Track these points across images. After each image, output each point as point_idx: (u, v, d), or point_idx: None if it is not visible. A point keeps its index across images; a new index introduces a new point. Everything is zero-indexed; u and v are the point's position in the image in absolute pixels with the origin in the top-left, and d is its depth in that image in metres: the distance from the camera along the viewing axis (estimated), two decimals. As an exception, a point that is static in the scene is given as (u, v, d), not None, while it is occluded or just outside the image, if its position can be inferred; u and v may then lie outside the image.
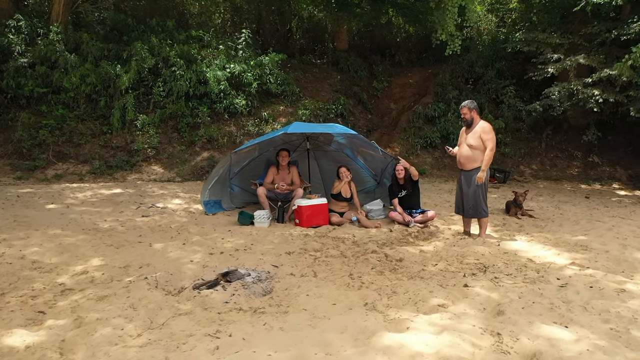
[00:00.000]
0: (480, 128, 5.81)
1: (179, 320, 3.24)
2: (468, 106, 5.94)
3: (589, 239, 5.95)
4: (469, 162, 5.87)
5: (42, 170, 10.83)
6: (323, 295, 3.77)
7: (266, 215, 6.29)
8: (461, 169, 6.03)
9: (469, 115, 5.91)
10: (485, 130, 5.78)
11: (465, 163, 5.92)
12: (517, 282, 4.18)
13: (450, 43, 10.42)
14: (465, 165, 5.92)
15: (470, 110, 5.93)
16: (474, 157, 5.82)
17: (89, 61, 11.97)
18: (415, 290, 3.88)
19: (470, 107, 5.94)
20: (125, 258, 4.70)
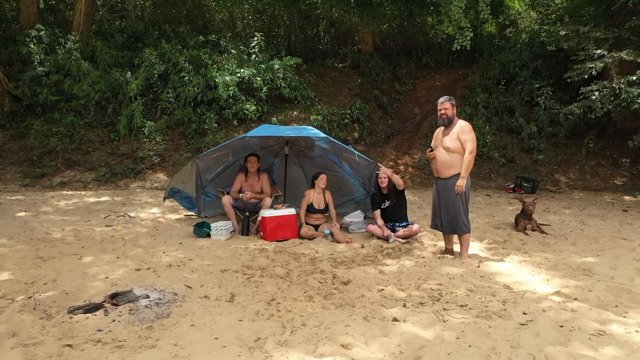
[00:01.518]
0: (459, 128, 4.99)
1: (13, 353, 2.72)
2: (450, 101, 5.11)
3: (598, 261, 4.95)
4: (447, 169, 5.04)
5: (49, 177, 10.85)
6: (215, 325, 3.14)
7: (224, 228, 5.71)
8: (437, 176, 5.19)
9: (451, 111, 5.08)
10: (464, 130, 4.95)
11: (442, 170, 5.08)
12: (468, 316, 3.36)
13: (459, 37, 9.48)
14: (442, 173, 5.09)
15: (452, 106, 5.10)
16: (452, 163, 4.98)
17: (100, 68, 11.98)
18: (330, 323, 3.17)
19: (453, 104, 5.12)
20: (39, 272, 4.28)
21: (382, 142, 12.24)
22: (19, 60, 12.63)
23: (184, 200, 6.88)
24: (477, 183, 10.81)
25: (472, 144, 4.90)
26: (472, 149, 4.89)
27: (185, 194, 6.78)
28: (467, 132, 4.93)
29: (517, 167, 11.12)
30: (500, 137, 11.70)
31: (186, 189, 6.70)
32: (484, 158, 11.25)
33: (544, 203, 8.93)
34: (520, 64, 12.53)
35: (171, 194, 6.76)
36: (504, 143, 11.54)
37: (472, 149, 4.89)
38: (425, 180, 10.95)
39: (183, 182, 6.66)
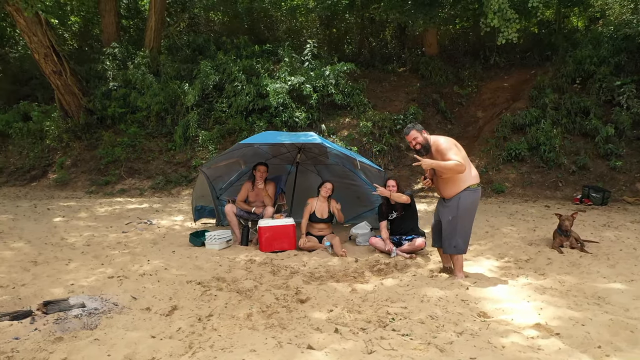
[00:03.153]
0: (435, 149, 4.38)
1: None
2: (415, 128, 4.50)
3: (626, 288, 4.11)
4: (447, 189, 4.46)
5: (112, 185, 11.59)
6: (120, 341, 2.97)
7: (218, 237, 5.59)
8: (441, 197, 4.62)
9: (420, 138, 4.45)
10: (439, 148, 4.33)
11: (443, 191, 4.51)
12: (401, 348, 2.89)
13: (504, 30, 8.55)
14: (444, 193, 4.51)
15: (420, 132, 4.49)
16: (452, 180, 4.40)
17: (161, 81, 12.60)
18: (238, 346, 2.88)
19: (419, 129, 4.50)
20: (20, 277, 4.45)
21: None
22: (95, 76, 13.69)
23: (211, 214, 6.90)
24: (541, 193, 9.73)
25: (450, 152, 4.25)
26: (450, 156, 4.25)
27: (209, 207, 6.80)
28: (442, 144, 4.33)
29: (591, 175, 9.85)
30: (571, 141, 10.45)
31: (207, 202, 6.72)
32: (550, 165, 10.12)
33: (609, 216, 7.77)
34: (599, 60, 11.13)
35: (198, 215, 6.83)
36: (576, 148, 10.29)
37: (450, 155, 4.25)
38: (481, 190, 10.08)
39: (202, 196, 6.67)
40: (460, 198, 4.34)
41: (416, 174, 10.85)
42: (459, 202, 4.35)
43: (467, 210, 4.37)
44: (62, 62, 12.53)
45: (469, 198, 4.35)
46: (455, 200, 4.36)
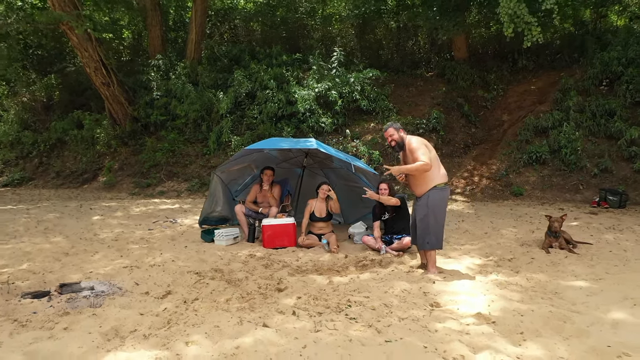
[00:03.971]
0: (408, 148, 4.78)
1: None
2: (393, 126, 4.92)
3: (586, 285, 4.34)
4: (417, 187, 4.85)
5: (153, 187, 12.52)
6: (114, 316, 3.57)
7: (225, 234, 6.17)
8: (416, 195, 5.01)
9: (396, 136, 4.88)
10: (410, 144, 4.74)
11: (414, 188, 4.91)
12: (342, 329, 3.33)
13: (527, 33, 8.63)
14: (415, 191, 4.91)
15: (397, 130, 4.90)
16: (422, 179, 4.79)
17: (199, 90, 13.46)
18: (207, 323, 3.41)
19: (396, 128, 4.91)
20: (50, 266, 5.19)
21: (459, 152, 11.67)
22: (141, 86, 14.76)
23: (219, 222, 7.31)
24: (561, 196, 9.74)
25: (419, 151, 4.63)
26: (418, 154, 4.62)
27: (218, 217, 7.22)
28: (413, 143, 4.72)
29: (613, 178, 9.75)
30: (596, 144, 10.36)
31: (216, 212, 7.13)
32: (572, 167, 10.09)
33: (619, 219, 7.76)
34: (627, 61, 10.94)
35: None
36: (600, 151, 10.20)
37: (418, 153, 4.62)
38: (499, 192, 10.18)
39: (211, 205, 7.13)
40: (429, 196, 4.72)
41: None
42: (427, 200, 4.72)
43: (436, 208, 4.72)
44: (110, 75, 13.66)
45: (437, 196, 4.71)
46: (424, 198, 4.74)
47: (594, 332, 3.26)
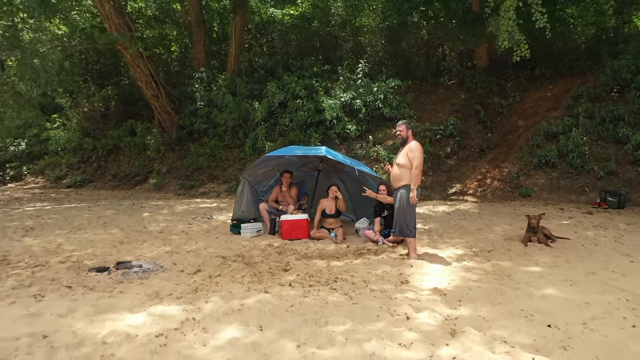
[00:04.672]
0: (408, 147, 5.76)
1: (57, 283, 4.77)
2: (405, 124, 5.93)
3: (539, 270, 5.17)
4: (397, 181, 5.83)
5: (196, 188, 13.88)
6: (155, 285, 4.73)
7: (250, 228, 7.29)
8: (393, 187, 5.99)
9: (405, 133, 5.89)
10: (412, 148, 5.71)
11: (393, 182, 5.90)
12: (321, 295, 4.34)
13: (517, 49, 9.30)
14: (394, 184, 5.89)
15: (407, 128, 5.91)
16: (401, 176, 5.76)
17: (237, 100, 14.74)
18: (222, 290, 4.52)
19: (408, 126, 5.92)
20: (108, 250, 6.45)
21: (475, 156, 12.38)
22: (186, 97, 16.21)
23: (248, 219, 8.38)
24: (567, 197, 10.32)
25: (418, 160, 5.61)
26: (418, 164, 5.60)
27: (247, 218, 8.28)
28: (414, 150, 5.68)
29: (618, 181, 10.24)
30: (604, 148, 10.85)
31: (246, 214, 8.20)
32: (578, 170, 10.65)
33: (611, 218, 8.34)
34: (637, 69, 11.34)
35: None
36: (608, 155, 10.68)
37: (418, 164, 5.60)
38: (508, 194, 10.86)
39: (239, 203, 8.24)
40: (400, 193, 5.69)
41: (452, 179, 11.87)
42: (399, 195, 5.70)
43: (407, 202, 5.66)
44: (159, 88, 15.16)
45: (406, 194, 5.65)
46: (397, 193, 5.74)
47: (519, 301, 4.15)
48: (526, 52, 9.17)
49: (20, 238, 7.40)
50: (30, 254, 6.28)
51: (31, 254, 6.28)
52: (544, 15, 8.75)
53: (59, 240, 7.12)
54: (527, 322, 3.63)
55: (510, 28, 8.73)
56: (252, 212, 8.09)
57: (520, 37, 8.94)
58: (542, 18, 8.73)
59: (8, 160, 19.75)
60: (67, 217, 9.56)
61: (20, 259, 5.96)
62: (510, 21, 8.64)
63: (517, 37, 8.93)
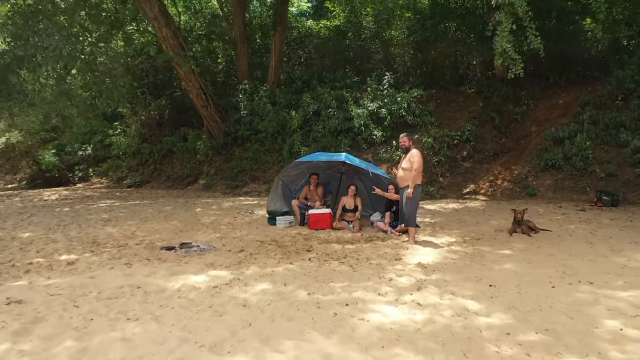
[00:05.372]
0: (410, 154, 7.12)
1: (139, 257, 6.44)
2: (407, 136, 7.31)
3: (510, 253, 6.44)
4: (402, 182, 7.20)
5: (240, 188, 15.58)
6: (207, 259, 6.32)
7: (283, 220, 8.82)
8: (400, 187, 7.36)
9: (407, 143, 7.27)
10: (413, 154, 7.07)
11: (399, 182, 7.27)
12: (331, 267, 5.80)
13: (512, 67, 10.33)
14: (400, 184, 7.26)
15: (409, 139, 7.28)
16: (405, 178, 7.13)
17: (276, 110, 16.37)
18: (258, 262, 6.06)
19: (409, 138, 7.30)
20: (172, 236, 8.13)
21: (489, 159, 13.49)
22: (231, 106, 17.98)
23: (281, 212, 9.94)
24: (569, 196, 11.32)
25: (417, 164, 6.96)
26: (417, 167, 6.94)
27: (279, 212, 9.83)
28: (414, 156, 7.04)
29: (617, 182, 11.15)
30: (607, 151, 11.78)
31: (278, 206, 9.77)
32: (581, 172, 11.64)
33: (599, 214, 9.38)
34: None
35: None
36: (609, 158, 11.60)
37: (417, 167, 6.95)
38: (516, 193, 11.95)
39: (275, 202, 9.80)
40: (405, 191, 7.05)
41: (467, 180, 13.05)
42: (405, 193, 7.06)
43: (416, 197, 7.02)
44: (207, 99, 16.99)
45: (416, 190, 7.00)
46: (403, 192, 7.10)
47: (477, 272, 5.46)
48: (520, 70, 10.21)
49: (102, 227, 9.21)
50: (113, 238, 8.03)
51: (114, 238, 8.03)
52: (537, 37, 9.83)
53: (132, 229, 8.87)
54: (475, 284, 4.97)
55: (505, 48, 9.84)
56: (282, 206, 9.63)
57: (515, 56, 10.05)
58: (535, 40, 9.81)
59: (76, 163, 22.16)
60: (134, 211, 11.41)
61: (107, 242, 7.71)
62: (504, 42, 9.76)
63: (513, 57, 10.02)
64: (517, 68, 10.05)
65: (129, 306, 4.42)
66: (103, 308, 4.37)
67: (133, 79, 18.51)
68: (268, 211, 9.52)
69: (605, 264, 5.75)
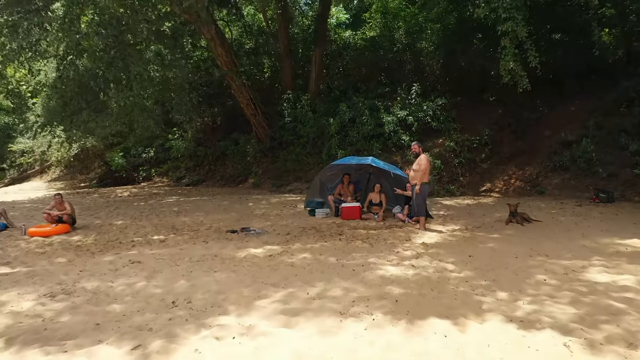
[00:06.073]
0: (419, 158, 8.87)
1: (211, 237, 8.51)
2: (417, 144, 9.06)
3: (497, 236, 8.10)
4: (412, 180, 8.95)
5: (284, 186, 17.62)
6: (260, 240, 8.31)
7: (321, 211, 10.72)
8: (410, 185, 9.11)
9: (417, 150, 9.02)
10: (421, 159, 8.81)
11: (410, 181, 9.03)
12: (355, 244, 7.65)
13: (520, 82, 11.66)
14: (411, 182, 9.02)
15: (419, 147, 9.03)
16: (415, 177, 8.88)
17: (316, 117, 18.31)
18: (303, 239, 7.98)
19: (419, 145, 9.04)
20: (232, 223, 10.17)
21: (504, 161, 14.90)
22: (276, 114, 20.06)
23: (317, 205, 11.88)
24: (573, 194, 12.63)
25: (423, 167, 8.68)
26: (423, 169, 8.67)
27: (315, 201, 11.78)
28: (422, 160, 8.78)
29: (617, 181, 12.39)
30: (610, 154, 13.02)
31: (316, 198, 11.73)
32: (585, 173, 12.96)
33: (590, 209, 10.74)
34: (642, 88, 13.36)
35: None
36: (613, 159, 12.87)
37: (423, 169, 8.67)
38: (526, 191, 13.36)
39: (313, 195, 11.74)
40: (414, 188, 8.80)
41: (484, 180, 14.57)
42: (414, 189, 8.81)
43: (423, 193, 8.77)
44: (256, 108, 19.13)
45: (424, 187, 8.74)
46: (413, 188, 8.84)
47: (464, 248, 7.16)
48: (527, 84, 11.64)
49: (176, 217, 11.41)
50: (187, 225, 10.15)
51: (187, 225, 10.15)
52: (536, 57, 11.28)
53: (200, 218, 11.00)
54: (458, 255, 6.70)
55: (510, 66, 11.34)
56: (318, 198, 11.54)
57: (521, 73, 11.52)
58: (534, 59, 11.26)
59: (140, 165, 24.85)
60: (198, 205, 13.61)
61: (183, 227, 9.83)
62: (510, 62, 11.26)
63: (520, 74, 11.50)
64: (524, 83, 11.51)
65: (212, 265, 6.44)
66: (196, 266, 6.41)
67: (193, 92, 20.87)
68: (305, 205, 11.45)
69: (569, 244, 7.31)
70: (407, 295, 4.87)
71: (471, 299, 4.72)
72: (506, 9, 10.80)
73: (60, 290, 5.43)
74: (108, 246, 8.10)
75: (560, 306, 4.41)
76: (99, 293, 5.28)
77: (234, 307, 4.64)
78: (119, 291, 5.33)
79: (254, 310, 4.55)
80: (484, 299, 4.70)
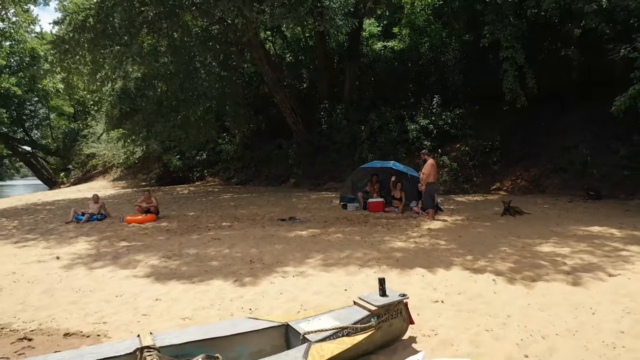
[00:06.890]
0: (426, 163, 11.11)
1: (266, 224, 11.03)
2: (424, 153, 11.32)
3: (489, 224, 10.26)
4: (424, 180, 11.20)
5: (322, 185, 20.05)
6: (299, 228, 10.73)
7: (352, 205, 13.08)
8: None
9: (425, 156, 11.26)
10: (427, 163, 11.04)
11: (422, 181, 11.28)
12: (377, 232, 9.98)
13: (518, 99, 13.56)
14: (422, 181, 11.27)
15: (428, 155, 11.28)
16: (423, 179, 11.13)
17: (349, 124, 20.64)
18: (336, 225, 10.38)
19: (426, 153, 11.30)
20: (281, 214, 12.64)
21: (513, 163, 16.81)
22: (314, 121, 22.50)
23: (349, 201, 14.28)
24: (569, 192, 14.41)
25: (427, 170, 10.91)
26: (427, 172, 10.90)
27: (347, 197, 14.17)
28: (426, 165, 11.01)
29: (609, 181, 14.14)
30: (605, 157, 14.78)
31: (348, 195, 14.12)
32: (582, 174, 14.79)
33: (578, 205, 12.63)
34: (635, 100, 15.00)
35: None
36: (606, 162, 14.65)
37: (427, 172, 10.90)
38: (529, 190, 15.28)
39: (346, 193, 14.13)
40: (426, 185, 11.04)
41: (494, 180, 16.55)
42: (427, 187, 11.05)
43: (431, 191, 11.01)
44: (296, 116, 21.62)
45: (431, 186, 10.98)
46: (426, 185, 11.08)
47: (458, 232, 9.35)
48: (524, 102, 13.62)
49: (235, 209, 13.99)
50: (245, 215, 12.68)
51: (245, 215, 12.68)
52: (533, 78, 13.26)
53: (255, 210, 13.53)
54: (451, 235, 8.91)
55: (510, 86, 13.36)
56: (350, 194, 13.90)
57: (520, 92, 13.52)
58: (531, 80, 13.24)
59: (194, 166, 27.82)
60: (250, 201, 16.21)
61: (242, 217, 12.36)
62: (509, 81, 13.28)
63: (518, 92, 13.51)
64: (521, 100, 13.53)
65: (272, 241, 8.90)
66: (260, 241, 8.89)
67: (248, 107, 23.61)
68: (339, 200, 13.85)
69: (541, 230, 9.37)
70: (405, 257, 7.18)
71: (447, 259, 6.99)
72: (506, 39, 12.86)
73: (172, 254, 8.00)
74: (190, 230, 10.69)
75: (504, 263, 6.63)
76: (200, 256, 7.82)
77: (292, 262, 7.09)
78: (212, 255, 7.85)
79: (304, 264, 6.97)
80: (456, 259, 6.96)
